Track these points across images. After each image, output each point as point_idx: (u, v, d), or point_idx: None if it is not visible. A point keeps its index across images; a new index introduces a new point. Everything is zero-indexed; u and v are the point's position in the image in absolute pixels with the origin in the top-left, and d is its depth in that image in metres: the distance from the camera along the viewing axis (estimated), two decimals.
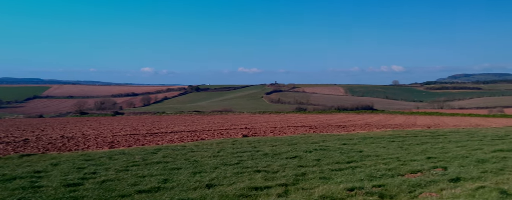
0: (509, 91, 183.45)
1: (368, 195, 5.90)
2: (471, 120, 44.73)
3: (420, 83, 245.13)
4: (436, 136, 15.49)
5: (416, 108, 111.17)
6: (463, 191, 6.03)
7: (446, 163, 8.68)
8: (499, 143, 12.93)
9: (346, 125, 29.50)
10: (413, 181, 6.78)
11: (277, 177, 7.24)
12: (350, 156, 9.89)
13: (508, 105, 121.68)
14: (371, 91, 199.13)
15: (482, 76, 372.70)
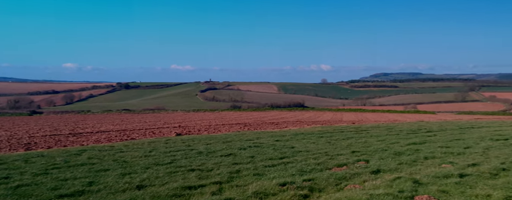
0: (421, 89, 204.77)
1: (299, 189, 6.14)
2: (389, 116, 48.91)
3: (345, 81, 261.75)
4: (359, 132, 16.66)
5: (342, 105, 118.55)
6: (382, 182, 6.57)
7: (368, 157, 9.39)
8: (413, 136, 14.34)
9: (279, 122, 30.38)
10: (339, 174, 7.21)
11: (212, 175, 7.20)
12: (283, 152, 10.21)
13: (420, 102, 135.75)
14: (302, 89, 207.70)
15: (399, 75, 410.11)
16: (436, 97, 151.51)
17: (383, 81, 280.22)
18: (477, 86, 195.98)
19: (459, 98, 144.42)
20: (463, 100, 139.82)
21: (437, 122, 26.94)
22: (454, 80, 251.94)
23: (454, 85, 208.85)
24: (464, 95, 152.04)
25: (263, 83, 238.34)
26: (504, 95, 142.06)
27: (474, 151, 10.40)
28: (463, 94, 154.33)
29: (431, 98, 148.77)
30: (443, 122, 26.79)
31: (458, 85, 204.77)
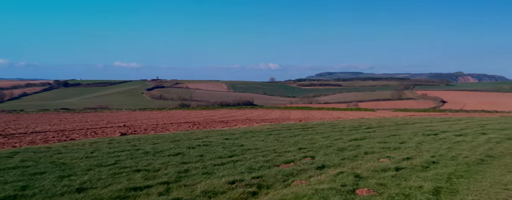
0: (362, 87, 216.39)
1: (248, 186, 6.22)
2: (333, 114, 51.08)
3: (293, 80, 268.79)
4: (306, 129, 17.21)
5: (290, 103, 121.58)
6: (327, 177, 6.87)
7: (314, 153, 9.75)
8: (355, 133, 15.13)
9: (228, 120, 30.38)
10: (286, 171, 7.41)
11: (159, 176, 7.02)
12: (232, 150, 10.24)
13: (361, 99, 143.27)
14: (251, 87, 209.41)
15: (342, 74, 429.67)
16: (375, 95, 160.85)
17: (327, 80, 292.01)
18: (411, 85, 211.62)
19: (396, 96, 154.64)
20: (399, 98, 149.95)
21: (376, 119, 28.66)
22: (391, 79, 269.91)
23: (391, 84, 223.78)
24: (400, 93, 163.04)
25: (212, 81, 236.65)
26: (434, 93, 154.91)
27: (409, 145, 11.24)
28: (399, 92, 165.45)
29: (371, 96, 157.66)
30: (382, 118, 28.57)
31: (394, 84, 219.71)
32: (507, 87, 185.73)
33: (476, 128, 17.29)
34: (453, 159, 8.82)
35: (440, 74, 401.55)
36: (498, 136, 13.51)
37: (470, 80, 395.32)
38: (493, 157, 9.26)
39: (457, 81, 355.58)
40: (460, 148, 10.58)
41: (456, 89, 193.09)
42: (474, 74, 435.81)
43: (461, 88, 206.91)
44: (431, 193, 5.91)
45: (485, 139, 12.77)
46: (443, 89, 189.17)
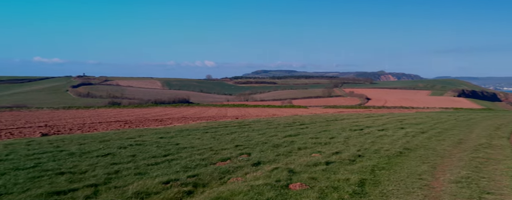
0: (296, 85, 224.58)
1: (183, 186, 6.10)
2: (269, 111, 52.27)
3: (229, 77, 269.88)
4: (242, 126, 17.38)
5: (226, 100, 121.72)
6: (262, 173, 7.02)
7: (250, 150, 9.89)
8: (289, 129, 15.65)
9: (163, 118, 29.46)
10: (223, 168, 7.42)
11: (86, 178, 6.57)
12: (167, 149, 9.96)
13: (295, 97, 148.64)
14: (187, 84, 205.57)
15: (277, 72, 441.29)
16: (308, 93, 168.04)
17: (263, 78, 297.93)
18: (340, 83, 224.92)
19: (326, 94, 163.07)
20: (329, 96, 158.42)
21: (308, 115, 29.95)
22: (322, 78, 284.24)
23: (322, 82, 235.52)
24: (330, 91, 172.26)
25: (146, 78, 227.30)
26: (360, 91, 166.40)
27: (338, 140, 11.94)
28: (329, 90, 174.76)
29: (304, 94, 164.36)
30: (314, 115, 29.95)
31: (325, 82, 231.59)
32: (421, 85, 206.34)
33: (395, 123, 18.94)
34: (376, 152, 9.57)
35: (365, 73, 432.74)
36: (414, 130, 14.95)
37: (390, 78, 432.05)
38: (410, 150, 10.23)
39: (379, 79, 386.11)
40: (382, 142, 11.50)
41: (378, 87, 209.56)
42: (394, 73, 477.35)
43: (383, 86, 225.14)
44: (357, 184, 6.34)
45: (403, 133, 14.04)
46: (367, 87, 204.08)
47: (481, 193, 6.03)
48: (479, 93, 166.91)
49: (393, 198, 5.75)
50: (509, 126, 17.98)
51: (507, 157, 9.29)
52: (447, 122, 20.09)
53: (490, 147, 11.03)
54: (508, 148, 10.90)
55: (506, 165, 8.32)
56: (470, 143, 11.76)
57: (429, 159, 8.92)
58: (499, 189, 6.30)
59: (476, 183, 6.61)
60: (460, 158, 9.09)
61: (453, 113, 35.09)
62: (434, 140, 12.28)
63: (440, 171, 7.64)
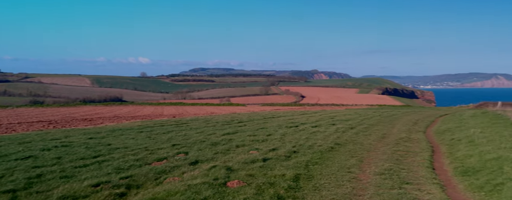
0: (234, 83, 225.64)
1: (115, 188, 5.80)
2: (207, 109, 51.82)
3: (166, 75, 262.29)
4: (180, 125, 17.02)
5: (163, 99, 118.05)
6: (200, 172, 6.95)
7: (188, 149, 9.73)
8: (227, 127, 15.68)
9: (93, 118, 27.66)
10: (159, 169, 7.20)
11: (2, 183, 5.94)
12: (97, 150, 9.38)
13: (233, 95, 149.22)
14: (119, 82, 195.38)
15: (215, 70, 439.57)
16: (246, 91, 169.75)
17: (201, 76, 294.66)
18: (276, 81, 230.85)
19: (263, 92, 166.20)
20: (266, 94, 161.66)
21: (246, 113, 30.30)
22: (259, 76, 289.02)
23: (260, 80, 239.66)
24: (267, 89, 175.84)
25: (73, 75, 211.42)
26: (295, 89, 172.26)
27: (274, 137, 12.25)
28: (266, 88, 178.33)
29: (242, 92, 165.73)
30: (251, 113, 30.37)
31: (262, 80, 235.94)
32: (350, 84, 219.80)
33: (328, 119, 19.97)
34: (310, 148, 10.01)
35: (300, 71, 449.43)
36: (344, 126, 15.89)
37: (323, 77, 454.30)
38: (340, 145, 10.86)
39: (313, 78, 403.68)
40: (315, 138, 12.05)
41: (312, 85, 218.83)
42: (326, 72, 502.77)
43: (316, 84, 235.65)
44: (292, 180, 6.58)
45: (334, 129, 14.86)
46: (302, 85, 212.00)
47: (401, 183, 6.63)
48: (400, 91, 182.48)
49: (325, 191, 6.07)
50: (425, 121, 19.96)
51: (423, 150, 10.32)
52: (373, 118, 21.69)
53: (409, 140, 12.15)
54: (424, 141, 12.11)
55: (422, 157, 9.23)
56: (392, 137, 12.83)
57: (357, 153, 9.56)
58: (417, 179, 6.98)
59: (397, 174, 7.24)
60: (383, 152, 9.89)
61: (378, 109, 37.99)
62: (362, 135, 13.19)
63: (367, 164, 8.23)
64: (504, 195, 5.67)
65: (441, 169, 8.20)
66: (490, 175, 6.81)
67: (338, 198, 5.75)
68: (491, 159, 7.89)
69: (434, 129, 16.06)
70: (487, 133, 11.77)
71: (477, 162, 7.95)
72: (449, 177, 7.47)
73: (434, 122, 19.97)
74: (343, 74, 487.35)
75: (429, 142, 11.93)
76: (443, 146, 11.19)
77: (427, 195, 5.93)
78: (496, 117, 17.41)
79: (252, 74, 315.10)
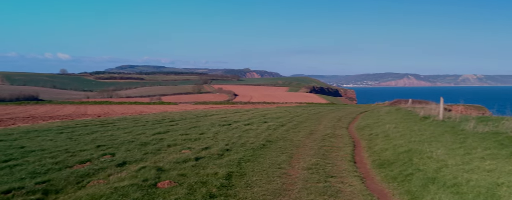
0: (165, 81, 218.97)
1: (30, 194, 5.29)
2: (136, 108, 49.58)
3: (89, 72, 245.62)
4: (106, 125, 16.04)
5: (86, 97, 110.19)
6: (128, 173, 6.64)
7: (115, 150, 9.22)
8: (158, 127, 15.19)
9: (3, 118, 24.76)
10: (81, 172, 6.72)
11: None
12: (8, 154, 8.44)
13: (164, 93, 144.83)
14: (35, 80, 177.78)
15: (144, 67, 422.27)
16: (178, 89, 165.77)
17: (129, 73, 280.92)
18: (209, 80, 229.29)
19: (196, 90, 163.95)
20: (199, 92, 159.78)
21: (178, 112, 29.63)
22: (192, 74, 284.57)
23: (192, 78, 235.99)
24: (199, 87, 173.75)
25: None
26: (228, 87, 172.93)
27: (207, 136, 12.18)
28: (199, 86, 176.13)
29: (174, 90, 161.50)
30: (184, 112, 29.78)
31: (195, 79, 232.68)
32: (281, 82, 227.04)
33: (260, 117, 20.41)
34: (243, 146, 10.14)
35: (232, 70, 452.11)
36: (275, 124, 16.39)
37: (255, 75, 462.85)
38: (271, 142, 11.18)
39: (245, 76, 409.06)
40: (248, 136, 12.25)
41: (244, 84, 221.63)
42: (258, 70, 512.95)
43: (249, 82, 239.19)
44: (224, 178, 6.61)
45: (266, 126, 15.24)
46: (235, 84, 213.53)
47: (326, 177, 7.05)
48: (326, 90, 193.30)
49: (256, 188, 6.21)
50: (348, 118, 21.44)
51: (346, 145, 11.08)
52: (302, 115, 22.69)
53: (334, 136, 12.96)
54: (347, 136, 13.00)
55: (345, 151, 9.92)
56: (319, 134, 13.56)
57: (287, 150, 9.93)
58: (340, 172, 7.48)
59: (323, 169, 7.69)
60: (311, 147, 10.41)
61: (306, 107, 39.84)
62: (291, 132, 13.72)
63: (296, 160, 8.60)
64: (413, 184, 6.34)
65: (361, 162, 8.89)
66: (402, 167, 7.56)
67: (269, 194, 5.92)
68: (403, 152, 8.76)
69: (355, 125, 17.32)
70: (400, 128, 13.03)
71: (392, 155, 8.77)
72: (368, 169, 8.13)
73: (355, 118, 21.54)
74: (274, 73, 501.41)
75: (351, 137, 12.84)
76: (363, 141, 12.14)
77: (349, 187, 6.39)
78: (407, 113, 19.35)
79: (184, 72, 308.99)
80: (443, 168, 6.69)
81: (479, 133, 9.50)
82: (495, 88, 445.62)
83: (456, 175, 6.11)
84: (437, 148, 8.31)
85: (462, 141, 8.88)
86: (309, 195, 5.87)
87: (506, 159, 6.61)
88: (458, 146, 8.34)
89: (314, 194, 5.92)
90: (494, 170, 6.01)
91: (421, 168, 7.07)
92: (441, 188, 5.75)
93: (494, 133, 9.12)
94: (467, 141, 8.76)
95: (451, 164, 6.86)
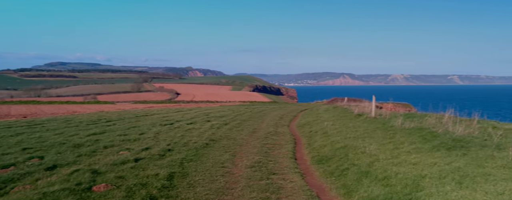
0: (100, 80, 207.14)
1: None
2: (68, 107, 46.26)
3: (13, 70, 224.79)
4: (33, 126, 14.76)
5: (10, 96, 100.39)
6: (59, 177, 6.18)
7: (43, 152, 8.53)
8: (93, 127, 14.32)
9: None
10: (4, 177, 6.12)
11: None
12: None
13: (100, 92, 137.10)
14: None
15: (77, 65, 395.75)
16: (115, 88, 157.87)
17: (60, 71, 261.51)
18: (149, 78, 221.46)
19: (135, 89, 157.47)
20: (139, 91, 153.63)
21: (116, 111, 28.22)
22: (130, 72, 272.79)
23: (131, 77, 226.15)
24: (139, 86, 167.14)
25: None
26: (170, 86, 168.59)
27: (148, 136, 11.76)
28: (138, 85, 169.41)
29: (111, 89, 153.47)
30: (122, 111, 28.43)
31: (134, 77, 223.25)
32: (224, 81, 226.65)
33: (203, 116, 20.19)
34: (185, 146, 9.96)
35: (174, 68, 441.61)
36: (218, 123, 16.33)
37: (198, 74, 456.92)
38: (215, 141, 11.13)
39: (188, 75, 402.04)
40: (191, 135, 12.06)
41: (187, 82, 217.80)
42: (201, 69, 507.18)
43: (191, 81, 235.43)
44: (166, 179, 6.45)
45: (209, 125, 15.13)
46: (177, 82, 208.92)
47: (269, 174, 7.20)
48: (268, 88, 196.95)
49: (199, 188, 6.15)
50: (289, 116, 22.07)
51: (288, 142, 11.41)
52: (245, 114, 22.89)
53: (276, 134, 13.26)
54: (288, 134, 13.38)
55: (286, 148, 10.20)
56: (262, 132, 13.79)
57: (231, 148, 9.96)
58: (282, 169, 7.68)
59: (265, 166, 7.84)
60: (254, 146, 10.55)
61: (250, 106, 40.27)
62: (235, 131, 13.78)
63: (239, 158, 8.66)
64: (349, 178, 6.73)
65: (302, 158, 9.22)
66: (339, 162, 7.98)
67: (212, 193, 5.89)
68: (339, 148, 9.25)
69: (296, 123, 17.90)
70: (337, 125, 13.74)
71: (329, 151, 9.21)
72: (308, 165, 8.45)
73: (296, 116, 22.26)
74: (217, 72, 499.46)
75: (292, 135, 13.25)
76: (304, 138, 12.59)
77: (290, 183, 6.59)
78: (343, 111, 20.45)
79: (122, 70, 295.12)
80: (375, 162, 7.18)
81: (406, 129, 10.34)
82: (420, 87, 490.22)
83: (386, 169, 6.60)
84: (370, 144, 8.89)
85: (391, 136, 9.60)
86: (252, 192, 5.95)
87: (428, 152, 7.29)
88: (388, 141, 9.01)
89: (256, 191, 6.01)
90: (418, 163, 6.60)
91: (355, 163, 7.52)
92: (373, 181, 6.17)
93: (419, 129, 9.99)
94: (396, 136, 9.49)
95: (382, 158, 7.39)
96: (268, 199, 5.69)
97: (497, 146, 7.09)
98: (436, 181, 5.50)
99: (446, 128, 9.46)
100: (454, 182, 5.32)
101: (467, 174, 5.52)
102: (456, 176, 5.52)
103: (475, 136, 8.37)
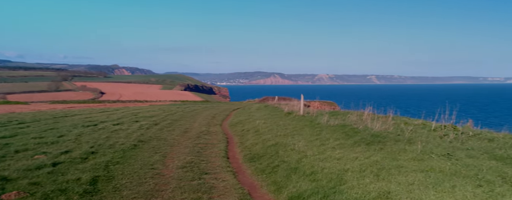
0: (11, 78, 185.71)
1: None
2: None
3: None
4: None
5: None
6: None
7: None
8: (3, 130, 12.80)
9: None
10: None
11: None
12: None
13: (11, 91, 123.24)
14: None
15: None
16: (29, 87, 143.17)
17: None
18: (69, 76, 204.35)
19: (53, 88, 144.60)
20: (57, 90, 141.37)
21: (30, 112, 25.56)
22: (47, 70, 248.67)
23: (47, 75, 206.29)
24: (57, 84, 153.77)
25: None
26: (93, 85, 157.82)
27: (68, 138, 10.86)
28: (56, 83, 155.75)
29: (23, 88, 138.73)
30: (37, 112, 25.84)
31: (51, 75, 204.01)
32: (154, 80, 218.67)
33: (131, 116, 19.24)
34: (111, 147, 9.40)
35: (98, 66, 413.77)
36: (148, 123, 15.70)
37: (125, 72, 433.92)
38: (144, 142, 10.68)
39: (114, 73, 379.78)
40: (117, 136, 11.41)
41: (113, 81, 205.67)
42: (128, 67, 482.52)
43: (118, 80, 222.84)
44: (88, 183, 6.02)
45: (138, 126, 14.47)
46: (101, 81, 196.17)
47: (201, 174, 7.13)
48: (200, 87, 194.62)
49: (126, 191, 5.85)
50: (222, 115, 22.07)
51: (220, 141, 11.40)
52: (176, 113, 22.33)
53: (208, 133, 13.17)
54: (220, 133, 13.38)
55: (219, 148, 10.19)
56: (194, 131, 13.59)
57: (161, 149, 9.65)
58: (214, 169, 7.66)
59: (197, 166, 7.74)
60: (186, 146, 10.36)
61: (181, 105, 39.38)
62: (166, 131, 13.38)
63: (170, 159, 8.43)
64: (279, 175, 6.95)
65: (234, 157, 9.29)
66: (270, 159, 8.21)
67: (140, 196, 5.65)
68: (270, 145, 9.51)
69: (229, 122, 17.97)
70: (268, 123, 14.09)
71: (261, 149, 9.42)
72: (240, 164, 8.54)
73: (229, 115, 22.34)
74: (146, 70, 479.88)
75: (225, 134, 13.28)
76: (236, 137, 12.69)
77: (222, 182, 6.60)
78: (274, 109, 21.05)
79: (37, 67, 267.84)
80: (303, 159, 7.52)
81: (331, 126, 11.00)
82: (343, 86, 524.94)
83: (313, 165, 6.95)
84: (299, 141, 9.29)
85: (318, 133, 10.14)
86: (183, 193, 5.84)
87: (350, 147, 7.84)
88: (315, 138, 9.50)
89: (188, 192, 5.91)
90: (342, 158, 7.06)
91: (285, 159, 7.80)
92: (301, 177, 6.45)
93: (342, 126, 10.70)
94: (322, 133, 10.05)
95: (309, 155, 7.77)
96: (200, 199, 5.64)
97: (408, 140, 7.89)
98: (357, 174, 5.95)
99: (366, 124, 10.27)
100: (372, 174, 5.80)
101: (383, 167, 6.05)
102: (374, 169, 6.02)
103: (390, 131, 9.21)
